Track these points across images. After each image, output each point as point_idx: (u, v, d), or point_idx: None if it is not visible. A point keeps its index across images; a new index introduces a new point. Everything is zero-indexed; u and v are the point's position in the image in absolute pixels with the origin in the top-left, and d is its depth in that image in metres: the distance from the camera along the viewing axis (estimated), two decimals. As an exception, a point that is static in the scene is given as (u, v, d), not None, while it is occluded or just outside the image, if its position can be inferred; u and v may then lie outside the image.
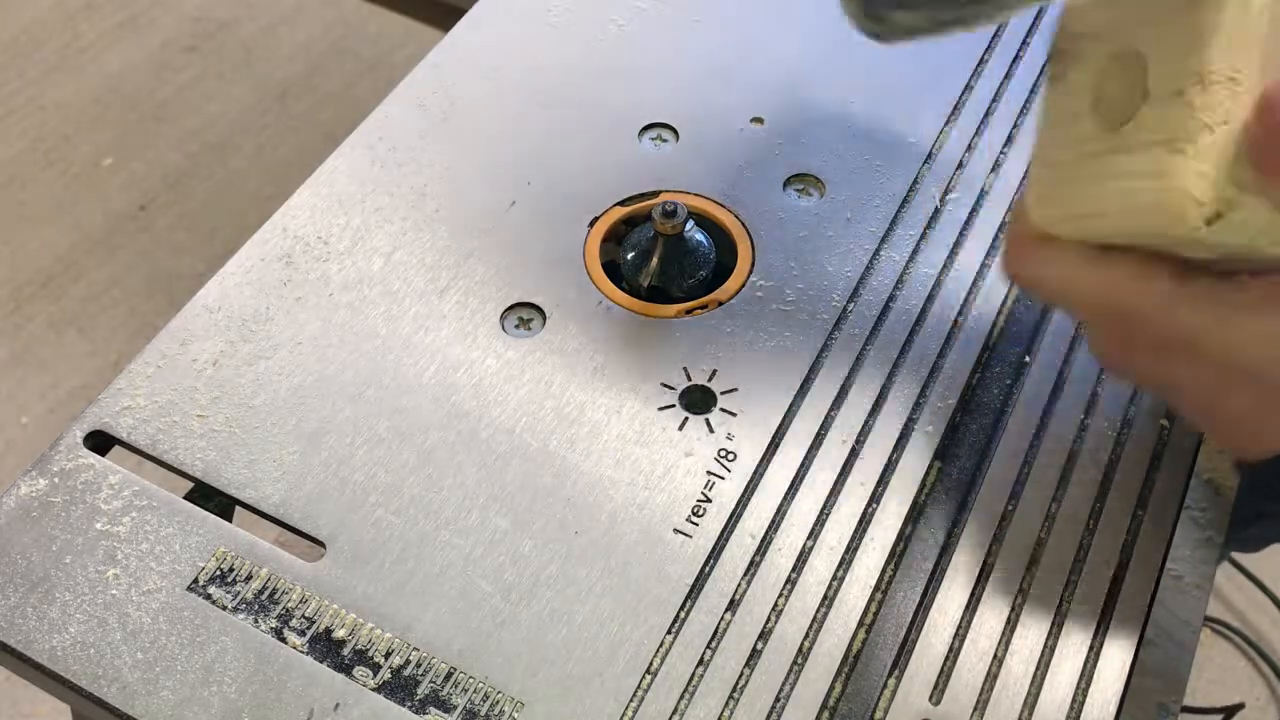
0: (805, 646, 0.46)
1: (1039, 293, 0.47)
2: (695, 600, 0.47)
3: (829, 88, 0.65)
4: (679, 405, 0.53)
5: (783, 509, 0.50)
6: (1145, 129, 0.39)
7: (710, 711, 0.45)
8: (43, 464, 0.50)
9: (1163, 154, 0.38)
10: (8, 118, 1.73)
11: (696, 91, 0.65)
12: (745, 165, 0.61)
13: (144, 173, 1.67)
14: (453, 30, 0.68)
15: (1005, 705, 0.45)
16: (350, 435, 0.51)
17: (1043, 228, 0.43)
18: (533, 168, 0.61)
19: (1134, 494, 0.51)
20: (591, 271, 0.57)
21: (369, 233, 0.58)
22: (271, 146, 1.71)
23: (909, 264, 0.58)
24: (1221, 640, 1.29)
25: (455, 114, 0.63)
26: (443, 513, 0.49)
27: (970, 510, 0.50)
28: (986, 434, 0.52)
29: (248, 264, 0.57)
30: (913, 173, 0.61)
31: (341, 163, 0.61)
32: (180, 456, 0.51)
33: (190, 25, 1.86)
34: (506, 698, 0.45)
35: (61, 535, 0.48)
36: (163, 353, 0.54)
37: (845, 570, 0.48)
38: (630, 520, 0.49)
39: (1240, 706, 1.12)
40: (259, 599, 0.47)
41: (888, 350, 0.55)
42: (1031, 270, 0.44)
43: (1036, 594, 0.48)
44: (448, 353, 0.54)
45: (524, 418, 0.52)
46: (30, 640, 0.46)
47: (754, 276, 0.57)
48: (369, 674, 0.45)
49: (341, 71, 1.80)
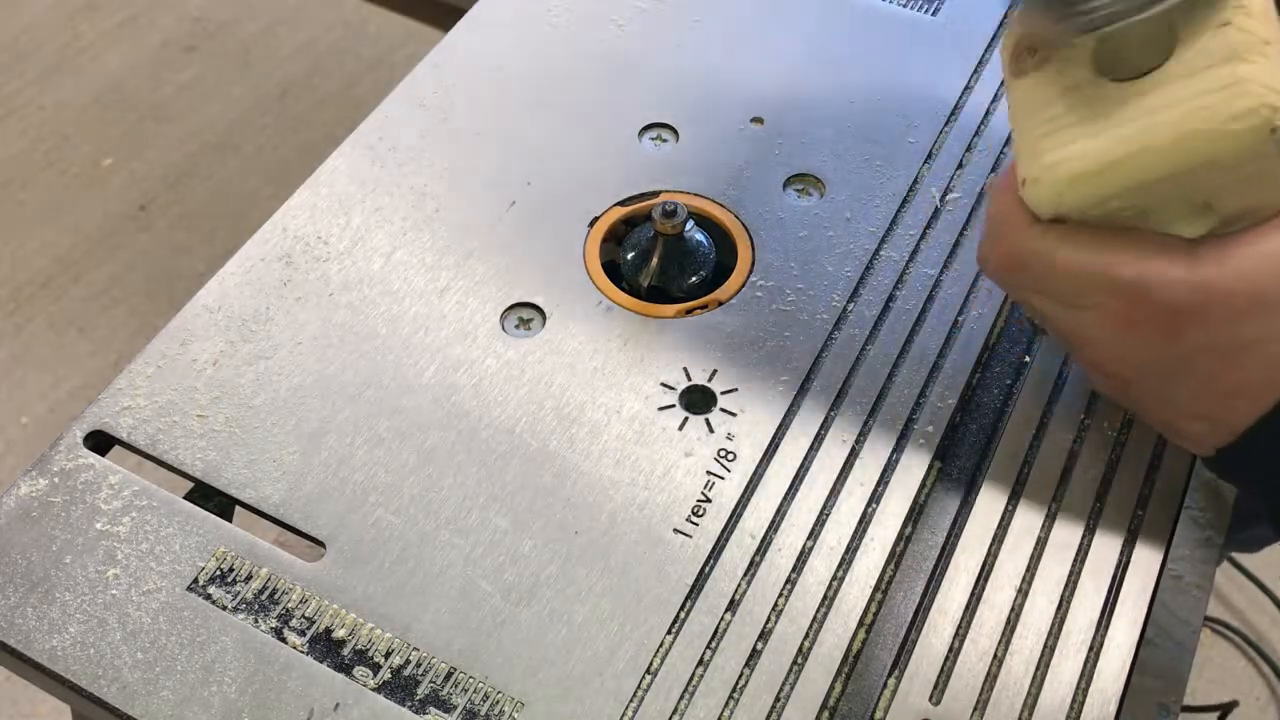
0: (805, 646, 0.46)
1: (1030, 278, 0.46)
2: (695, 600, 0.47)
3: (829, 88, 0.64)
4: (679, 405, 0.53)
5: (783, 509, 0.50)
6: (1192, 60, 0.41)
7: (710, 711, 0.45)
8: (43, 464, 0.50)
9: (1231, 66, 0.40)
10: (8, 118, 1.73)
11: (696, 91, 0.65)
12: (745, 165, 0.61)
13: (144, 173, 1.67)
14: (453, 30, 0.68)
15: (1005, 705, 0.45)
16: (350, 435, 0.51)
17: (1043, 203, 0.43)
18: (533, 168, 0.61)
19: (1134, 494, 0.51)
20: (591, 271, 0.57)
21: (369, 233, 0.58)
22: (271, 146, 1.71)
23: (909, 264, 0.58)
24: (1221, 640, 1.29)
25: (455, 114, 0.63)
26: (443, 513, 0.49)
27: (970, 510, 0.50)
28: (986, 434, 0.52)
29: (248, 264, 0.57)
30: (913, 173, 0.61)
31: (341, 163, 0.61)
32: (180, 456, 0.51)
33: (190, 25, 1.86)
34: (506, 698, 0.45)
35: (61, 535, 0.48)
36: (163, 353, 0.54)
37: (845, 570, 0.48)
38: (630, 520, 0.49)
39: (1234, 704, 1.12)
40: (259, 599, 0.47)
41: (888, 350, 0.55)
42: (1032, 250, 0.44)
43: (1036, 594, 0.48)
44: (448, 353, 0.54)
45: (524, 418, 0.52)
46: (30, 640, 0.46)
47: (754, 276, 0.57)
48: (369, 674, 0.45)
49: (341, 71, 1.80)
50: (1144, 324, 0.43)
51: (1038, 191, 0.43)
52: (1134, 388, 0.47)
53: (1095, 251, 0.43)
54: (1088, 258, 0.43)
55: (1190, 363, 0.44)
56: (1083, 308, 0.45)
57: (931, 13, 0.68)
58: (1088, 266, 0.43)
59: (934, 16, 0.68)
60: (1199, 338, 0.43)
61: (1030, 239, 0.44)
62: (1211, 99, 0.40)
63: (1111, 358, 0.46)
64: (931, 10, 0.68)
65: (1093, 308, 0.44)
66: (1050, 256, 0.44)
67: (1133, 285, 0.43)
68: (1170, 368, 0.44)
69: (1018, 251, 0.45)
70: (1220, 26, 0.41)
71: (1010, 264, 0.46)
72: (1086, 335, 0.46)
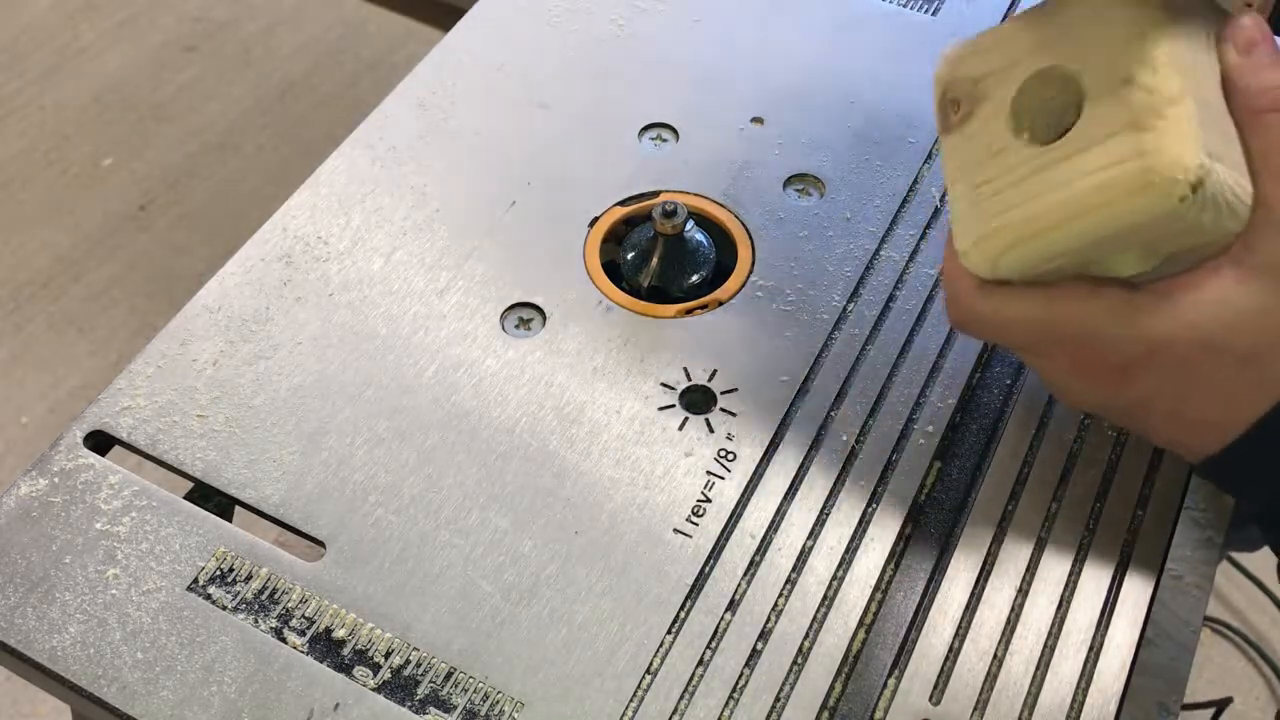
0: (805, 646, 0.46)
1: (988, 334, 0.49)
2: (695, 600, 0.47)
3: (829, 88, 0.64)
4: (679, 405, 0.53)
5: (783, 509, 0.50)
6: (1098, 125, 0.41)
7: (710, 711, 0.45)
8: (43, 464, 0.50)
9: (1133, 136, 0.40)
10: (8, 118, 1.73)
11: (696, 91, 0.65)
12: (745, 165, 0.61)
13: (144, 173, 1.67)
14: (453, 30, 0.68)
15: (1005, 705, 0.45)
16: (350, 435, 0.51)
17: (982, 271, 0.44)
18: (533, 168, 0.61)
19: (1134, 494, 0.51)
20: (591, 271, 0.57)
21: (369, 233, 0.58)
22: (271, 146, 1.71)
23: (909, 264, 0.58)
24: (1221, 640, 1.29)
25: (455, 114, 0.63)
26: (443, 513, 0.49)
27: (970, 510, 0.50)
28: (986, 434, 0.52)
29: (248, 264, 0.57)
30: (913, 173, 0.61)
31: (341, 163, 0.61)
32: (180, 456, 0.51)
33: (190, 25, 1.86)
34: (506, 698, 0.45)
35: (61, 535, 0.48)
36: (163, 353, 0.54)
37: (845, 570, 0.48)
38: (630, 520, 0.49)
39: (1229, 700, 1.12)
40: (259, 599, 0.47)
41: (888, 350, 0.55)
42: (981, 312, 0.46)
43: (1036, 594, 0.48)
44: (448, 353, 0.54)
45: (524, 418, 0.52)
46: (30, 640, 0.46)
47: (754, 276, 0.57)
48: (369, 674, 0.45)
49: (341, 71, 1.80)
50: (1095, 374, 0.45)
51: (972, 262, 0.44)
52: (1108, 414, 0.49)
53: (1040, 309, 0.44)
54: (1032, 316, 0.44)
55: (1148, 403, 0.45)
56: (1039, 354, 0.46)
57: (931, 13, 0.68)
58: (1033, 325, 0.45)
59: (934, 16, 0.68)
60: (1150, 383, 0.44)
61: (977, 300, 0.46)
62: (1117, 171, 0.40)
63: (1076, 399, 0.48)
64: (931, 10, 0.68)
65: (1047, 355, 0.46)
66: (996, 317, 0.45)
67: (1079, 339, 0.44)
68: (1130, 406, 0.46)
69: (970, 312, 0.46)
70: (1124, 84, 0.40)
71: (966, 322, 0.47)
72: (1048, 379, 0.48)
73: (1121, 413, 0.47)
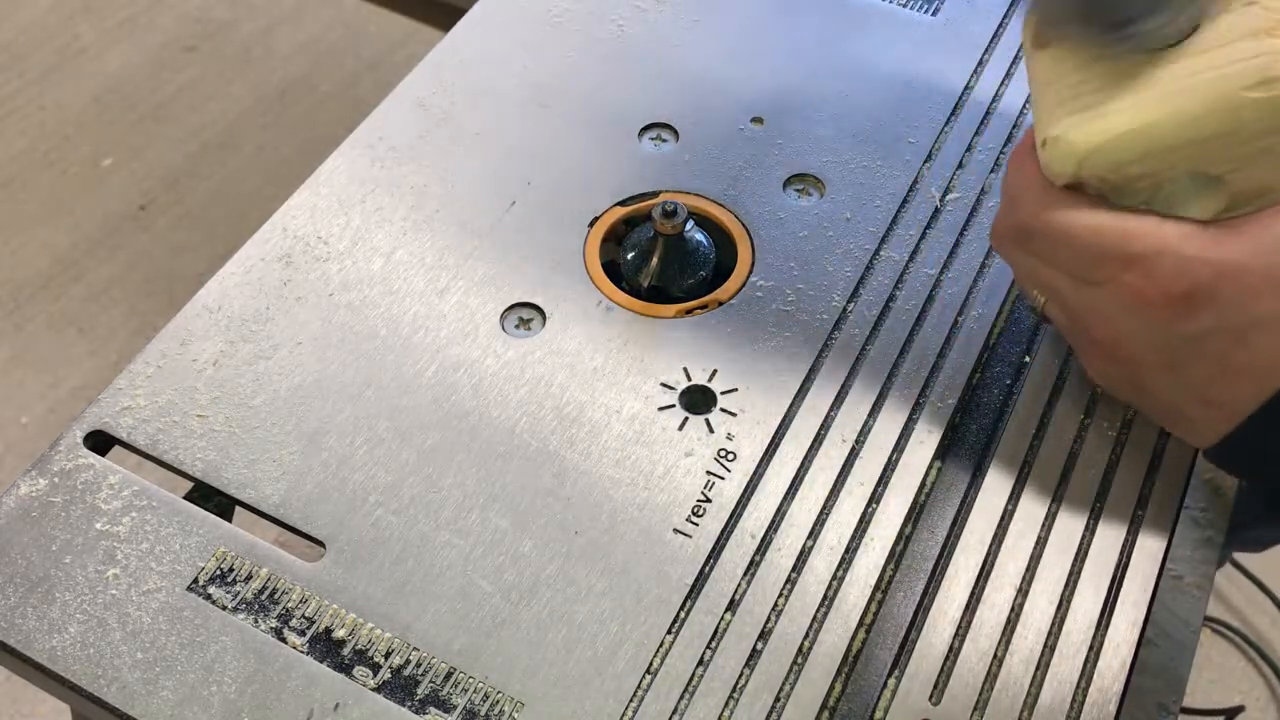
0: (805, 646, 0.46)
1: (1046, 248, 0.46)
2: (695, 600, 0.47)
3: (829, 88, 0.65)
4: (679, 405, 0.53)
5: (783, 509, 0.50)
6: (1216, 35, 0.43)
7: (710, 711, 0.45)
8: (43, 464, 0.50)
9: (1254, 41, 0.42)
10: (8, 118, 1.73)
11: (696, 91, 0.65)
12: (745, 165, 0.61)
13: (144, 173, 1.67)
14: (453, 30, 0.68)
15: (1005, 705, 0.45)
16: (350, 435, 0.51)
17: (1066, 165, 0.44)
18: (533, 168, 0.61)
19: (1134, 494, 0.51)
20: (591, 271, 0.57)
21: (369, 233, 0.58)
22: (271, 146, 1.71)
23: (909, 264, 0.58)
24: (1221, 640, 1.29)
25: (455, 114, 0.63)
26: (443, 513, 0.49)
27: (970, 510, 0.50)
28: (986, 434, 0.52)
29: (248, 264, 0.57)
30: (913, 173, 0.61)
31: (341, 163, 0.61)
32: (180, 456, 0.51)
33: (190, 25, 1.86)
34: (506, 698, 0.45)
35: (61, 535, 0.48)
36: (163, 353, 0.54)
37: (845, 570, 0.48)
38: (630, 520, 0.49)
39: (1240, 709, 1.12)
40: (259, 599, 0.47)
41: (888, 350, 0.55)
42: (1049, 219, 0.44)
43: (1036, 594, 0.48)
44: (448, 353, 0.54)
45: (524, 418, 0.52)
46: (30, 640, 0.46)
47: (754, 276, 0.57)
48: (369, 674, 0.45)
49: (341, 71, 1.80)
50: (1157, 300, 0.43)
51: (1058, 151, 0.44)
52: (1140, 371, 0.47)
53: (1114, 219, 0.43)
54: (1105, 226, 0.43)
55: (1200, 343, 0.43)
56: (1096, 283, 0.44)
57: (931, 13, 0.68)
58: (1104, 236, 0.43)
59: (934, 16, 0.68)
60: (1210, 317, 0.42)
61: (1047, 205, 0.44)
62: (1239, 67, 0.41)
63: (1121, 336, 0.45)
64: (931, 10, 0.68)
65: (1106, 282, 0.44)
66: (1066, 224, 0.44)
67: (1149, 259, 0.42)
68: (1179, 347, 0.44)
69: (1034, 219, 0.44)
70: (1246, 5, 0.43)
71: (1026, 232, 0.45)
72: (1098, 312, 0.45)
73: (1162, 363, 0.45)
